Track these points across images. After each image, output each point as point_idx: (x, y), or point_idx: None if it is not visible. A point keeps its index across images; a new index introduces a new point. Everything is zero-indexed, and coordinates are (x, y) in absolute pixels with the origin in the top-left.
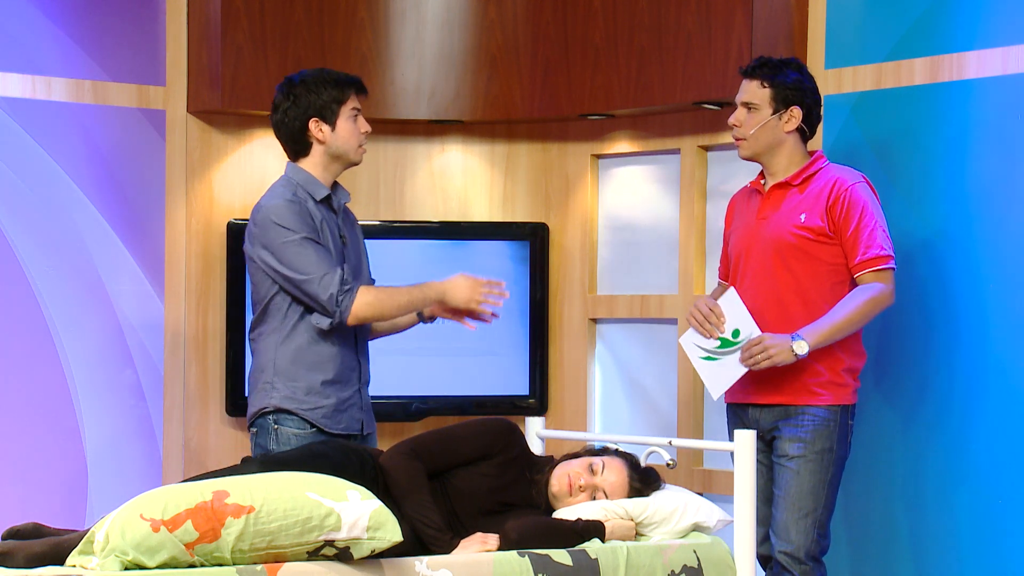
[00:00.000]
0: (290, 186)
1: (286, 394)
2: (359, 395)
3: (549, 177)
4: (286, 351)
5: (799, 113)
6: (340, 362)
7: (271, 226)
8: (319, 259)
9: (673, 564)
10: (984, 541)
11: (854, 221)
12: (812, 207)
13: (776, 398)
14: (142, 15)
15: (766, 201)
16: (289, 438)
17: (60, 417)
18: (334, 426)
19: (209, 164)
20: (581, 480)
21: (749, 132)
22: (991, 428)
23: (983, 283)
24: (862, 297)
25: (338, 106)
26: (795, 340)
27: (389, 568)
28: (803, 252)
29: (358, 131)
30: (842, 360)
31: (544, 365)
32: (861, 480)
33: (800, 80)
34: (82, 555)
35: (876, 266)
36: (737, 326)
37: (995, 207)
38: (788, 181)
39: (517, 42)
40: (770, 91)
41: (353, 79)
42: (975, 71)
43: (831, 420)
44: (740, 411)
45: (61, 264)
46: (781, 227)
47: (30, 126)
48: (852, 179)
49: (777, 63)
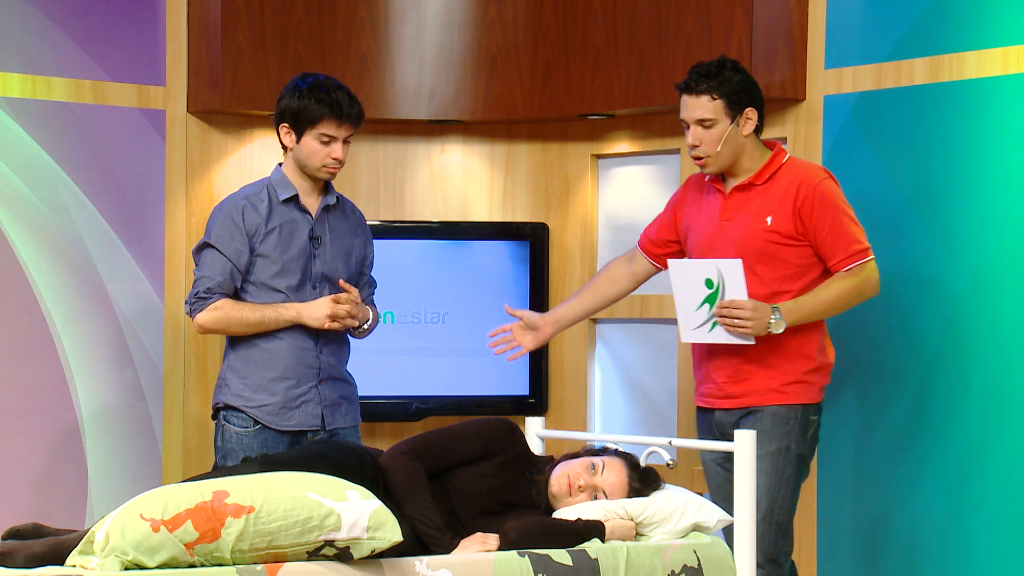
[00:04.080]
0: (261, 185)
1: (235, 391)
2: (316, 391)
3: (549, 177)
4: (239, 348)
5: (755, 113)
6: (293, 359)
7: (208, 222)
8: (206, 263)
9: (673, 564)
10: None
11: (827, 221)
12: (779, 209)
13: (742, 401)
14: (142, 15)
15: (729, 202)
16: (231, 435)
17: (60, 417)
18: (282, 423)
19: (209, 164)
20: (581, 480)
21: (715, 150)
22: (998, 430)
23: (983, 282)
24: (846, 283)
25: (306, 123)
26: (774, 321)
27: (389, 568)
28: (770, 256)
29: (322, 152)
30: (813, 360)
31: (544, 365)
32: (871, 482)
33: (743, 79)
34: (82, 555)
35: (858, 261)
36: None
37: (995, 207)
38: (751, 181)
39: (517, 42)
40: (722, 102)
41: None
42: (975, 71)
43: (791, 418)
44: (706, 414)
45: (61, 264)
46: (747, 230)
47: (30, 126)
48: (818, 176)
49: (715, 71)
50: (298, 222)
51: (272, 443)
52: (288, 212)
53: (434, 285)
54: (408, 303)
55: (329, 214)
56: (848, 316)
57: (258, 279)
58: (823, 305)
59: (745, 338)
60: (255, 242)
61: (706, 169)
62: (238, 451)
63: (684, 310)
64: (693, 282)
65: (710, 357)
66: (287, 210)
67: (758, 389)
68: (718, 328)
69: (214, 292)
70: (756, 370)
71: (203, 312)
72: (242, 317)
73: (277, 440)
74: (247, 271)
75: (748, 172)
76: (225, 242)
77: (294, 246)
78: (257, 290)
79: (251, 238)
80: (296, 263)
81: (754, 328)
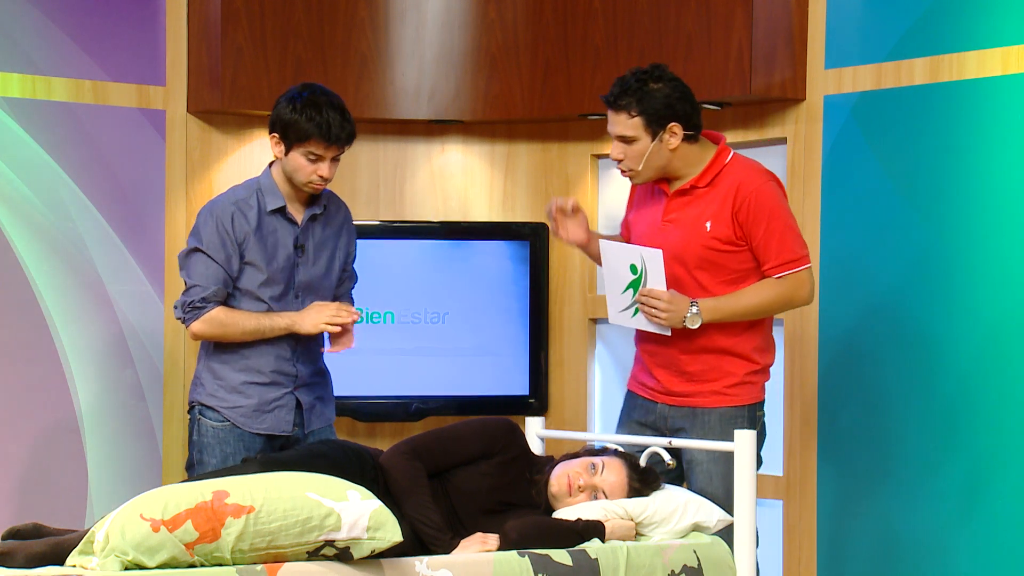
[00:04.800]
0: (251, 188)
1: (210, 391)
2: (291, 397)
3: (549, 177)
4: (216, 349)
5: (679, 128)
6: (268, 364)
7: (194, 225)
8: (198, 270)
9: (673, 564)
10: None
11: (762, 227)
12: (718, 214)
13: (687, 401)
14: (142, 15)
15: (671, 204)
16: (207, 429)
17: (60, 417)
18: (255, 425)
19: (209, 164)
20: (581, 480)
21: (637, 166)
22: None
23: (984, 282)
24: (773, 291)
25: (296, 140)
26: (691, 315)
27: (389, 568)
28: (710, 262)
29: (308, 168)
30: (757, 362)
31: (544, 365)
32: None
33: (669, 92)
34: (82, 555)
35: (789, 270)
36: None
37: (995, 207)
38: (694, 184)
39: (517, 42)
40: (640, 119)
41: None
42: (975, 71)
43: (739, 417)
44: (647, 403)
45: (61, 264)
46: (687, 235)
47: (30, 126)
48: (757, 180)
49: (637, 85)
50: (284, 231)
51: (248, 441)
52: (275, 221)
53: (434, 285)
54: (408, 303)
55: (314, 222)
56: (849, 316)
57: (244, 287)
58: (745, 308)
59: (661, 328)
60: (243, 249)
61: (635, 181)
62: (214, 445)
63: (611, 292)
64: (620, 266)
65: (652, 355)
66: (274, 219)
67: (703, 391)
68: (640, 314)
69: (209, 301)
70: (700, 372)
71: (198, 321)
72: (238, 326)
73: (252, 440)
74: (237, 278)
75: (689, 175)
76: (216, 249)
77: (280, 255)
78: (242, 296)
79: (240, 245)
80: (281, 273)
81: (669, 319)
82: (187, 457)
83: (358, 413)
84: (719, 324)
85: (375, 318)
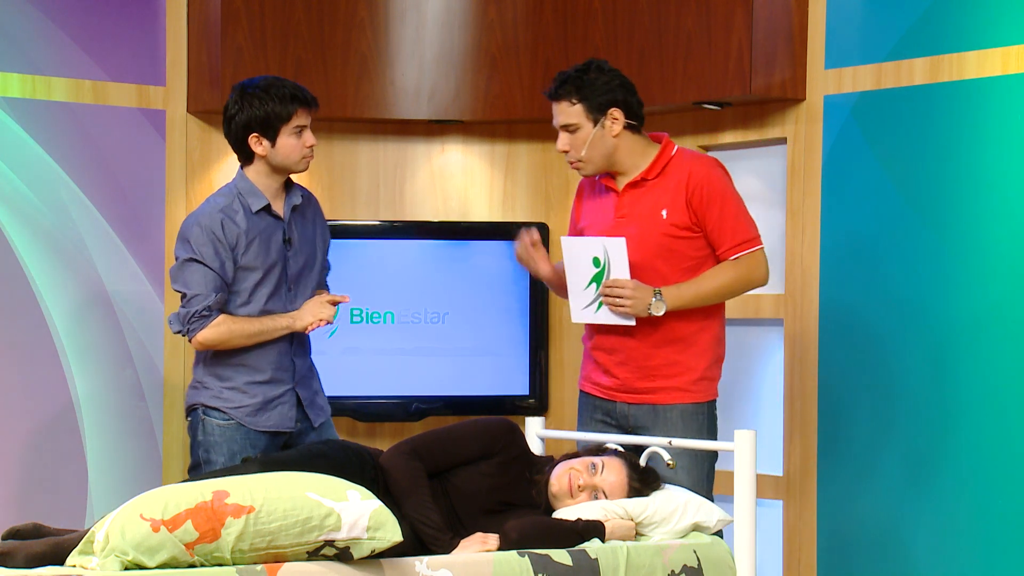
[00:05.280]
0: (231, 195)
1: (213, 392)
2: (292, 393)
3: (549, 177)
4: (216, 352)
5: (620, 113)
6: (268, 362)
7: (180, 238)
8: (195, 280)
9: (673, 564)
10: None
11: (715, 210)
12: (673, 202)
13: (648, 398)
14: (142, 15)
15: (622, 200)
16: (214, 428)
17: (60, 417)
18: (261, 423)
19: (209, 164)
20: (581, 480)
21: (581, 154)
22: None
23: (984, 282)
24: (731, 272)
25: (280, 123)
26: (655, 302)
27: (389, 568)
28: (668, 249)
29: (301, 146)
30: (713, 352)
31: (544, 365)
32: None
33: (608, 80)
34: (82, 555)
35: (745, 250)
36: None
37: (995, 207)
38: (643, 176)
39: (517, 42)
40: (581, 106)
41: (301, 96)
42: (975, 71)
43: (699, 414)
44: (604, 403)
45: (61, 264)
46: (644, 226)
47: (30, 126)
48: (707, 167)
49: (576, 75)
50: (272, 228)
51: (253, 438)
52: (262, 220)
53: (434, 285)
54: (408, 303)
55: (295, 214)
56: (848, 316)
57: (239, 288)
58: (706, 292)
59: (626, 318)
60: (236, 254)
61: (582, 172)
62: (222, 443)
63: (574, 290)
64: (582, 261)
65: (611, 352)
66: (260, 218)
67: (665, 387)
68: (603, 308)
69: (212, 310)
70: (661, 367)
71: (206, 329)
72: (243, 330)
73: (258, 436)
74: (232, 282)
75: (638, 168)
76: (211, 257)
77: (272, 252)
78: (237, 297)
79: (233, 250)
80: (275, 269)
81: (633, 307)
82: (191, 459)
83: (358, 413)
84: (679, 314)
85: (375, 318)
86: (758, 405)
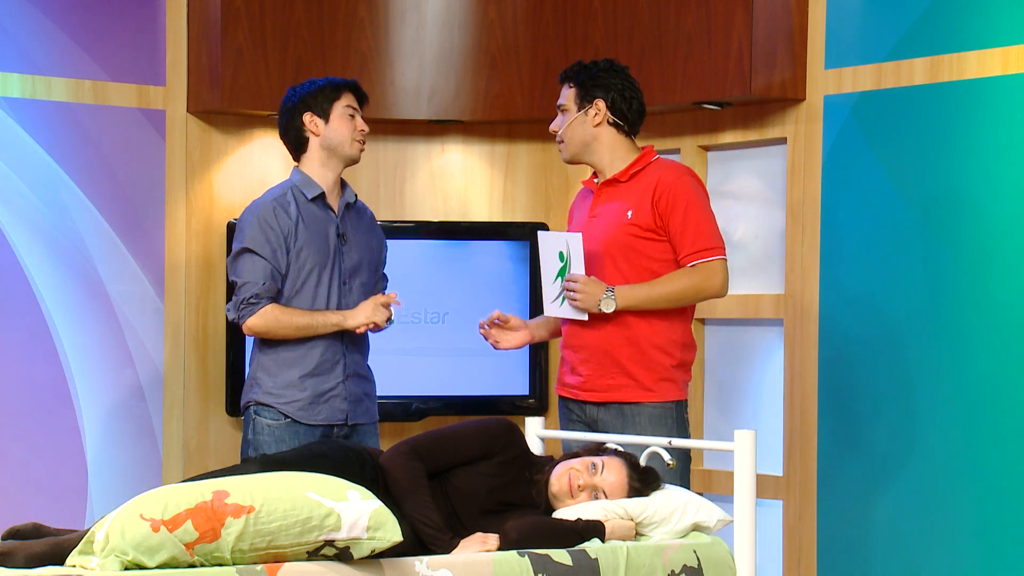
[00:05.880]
0: (286, 187)
1: (266, 388)
2: (343, 386)
3: (549, 177)
4: (268, 347)
5: (603, 105)
6: (319, 356)
7: (236, 228)
8: (247, 268)
9: (673, 564)
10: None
11: (679, 215)
12: (639, 203)
13: (612, 396)
14: (142, 15)
15: (597, 198)
16: (263, 427)
17: (60, 417)
18: (312, 417)
19: (209, 164)
20: (581, 480)
21: (559, 130)
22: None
23: (984, 282)
24: (687, 279)
25: (330, 103)
26: (605, 298)
27: (389, 568)
28: (631, 249)
29: (353, 127)
30: (675, 356)
31: (544, 365)
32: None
33: (604, 75)
34: (82, 555)
35: (703, 258)
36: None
37: (996, 207)
38: (616, 178)
39: (517, 42)
40: (574, 90)
41: (349, 81)
42: (975, 71)
43: (667, 416)
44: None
45: (61, 264)
46: (610, 224)
47: (30, 126)
48: (676, 174)
49: (585, 65)
50: (326, 220)
51: (303, 435)
52: (316, 211)
53: (434, 285)
54: (408, 303)
55: (349, 211)
56: (848, 316)
57: (293, 278)
58: (658, 295)
59: (579, 312)
60: (290, 242)
61: (563, 156)
62: (270, 443)
63: (545, 283)
64: (551, 255)
65: (578, 351)
66: (315, 209)
67: (629, 383)
68: (566, 302)
69: (261, 297)
70: (623, 363)
71: (254, 316)
72: (291, 322)
73: (308, 433)
74: (286, 272)
75: (615, 168)
76: (262, 246)
77: (326, 245)
78: (292, 287)
79: (286, 239)
80: (328, 261)
81: (583, 302)
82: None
83: None
84: (640, 313)
85: None
86: (758, 405)
